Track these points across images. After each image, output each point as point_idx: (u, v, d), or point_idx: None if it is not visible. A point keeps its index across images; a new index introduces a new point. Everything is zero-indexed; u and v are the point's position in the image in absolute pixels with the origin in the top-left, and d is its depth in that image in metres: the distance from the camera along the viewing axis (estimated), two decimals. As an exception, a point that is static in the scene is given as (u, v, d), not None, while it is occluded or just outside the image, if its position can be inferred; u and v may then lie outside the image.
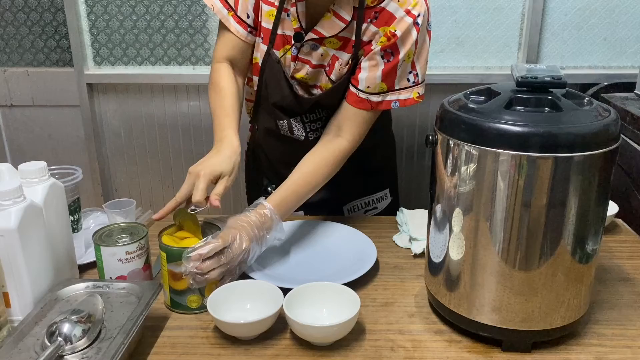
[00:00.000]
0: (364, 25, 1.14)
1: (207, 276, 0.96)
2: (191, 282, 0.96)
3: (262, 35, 1.24)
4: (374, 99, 1.17)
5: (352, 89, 1.18)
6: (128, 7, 1.98)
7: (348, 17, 1.14)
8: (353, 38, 1.16)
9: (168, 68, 2.06)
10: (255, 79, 1.30)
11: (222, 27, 1.25)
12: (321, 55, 1.19)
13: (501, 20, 1.93)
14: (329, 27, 1.15)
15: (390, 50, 1.13)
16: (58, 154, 2.18)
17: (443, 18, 1.93)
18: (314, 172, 1.17)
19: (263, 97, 1.30)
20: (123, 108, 2.11)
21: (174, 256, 0.96)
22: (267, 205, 1.08)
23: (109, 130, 2.14)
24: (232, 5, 1.22)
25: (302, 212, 1.41)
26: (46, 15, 2.02)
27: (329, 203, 1.40)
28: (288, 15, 1.19)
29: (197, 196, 1.03)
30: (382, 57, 1.14)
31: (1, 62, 2.09)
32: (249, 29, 1.24)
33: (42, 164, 0.98)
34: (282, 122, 1.29)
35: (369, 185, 1.44)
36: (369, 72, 1.15)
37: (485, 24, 1.93)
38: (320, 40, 1.18)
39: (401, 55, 1.13)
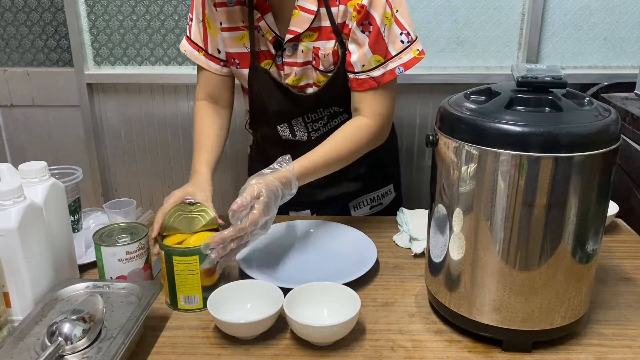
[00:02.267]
0: (334, 9, 1.15)
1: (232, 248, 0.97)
2: (220, 261, 0.97)
3: (237, 62, 1.26)
4: (375, 73, 1.17)
5: (350, 76, 1.19)
6: (128, 7, 1.98)
7: (314, 7, 1.15)
8: (328, 25, 1.16)
9: (168, 68, 2.05)
10: (247, 97, 1.32)
11: (198, 66, 1.31)
12: (302, 52, 1.20)
13: (501, 20, 1.93)
14: (299, 23, 1.17)
15: (366, 22, 1.13)
16: (58, 154, 2.18)
17: (443, 18, 1.92)
18: (340, 143, 1.16)
19: (259, 109, 1.31)
20: (123, 108, 2.11)
21: (202, 255, 0.96)
22: (291, 170, 1.06)
23: (109, 130, 2.14)
24: (202, 45, 1.28)
25: (308, 212, 1.41)
26: (46, 15, 2.02)
27: (335, 201, 1.40)
28: (259, 31, 1.21)
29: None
30: (362, 32, 1.14)
31: (1, 62, 2.09)
32: (221, 63, 1.29)
33: (42, 163, 0.98)
34: (282, 126, 1.30)
35: (373, 181, 1.44)
36: (358, 52, 1.16)
37: (485, 24, 1.93)
38: (297, 38, 1.19)
39: (378, 20, 1.13)
